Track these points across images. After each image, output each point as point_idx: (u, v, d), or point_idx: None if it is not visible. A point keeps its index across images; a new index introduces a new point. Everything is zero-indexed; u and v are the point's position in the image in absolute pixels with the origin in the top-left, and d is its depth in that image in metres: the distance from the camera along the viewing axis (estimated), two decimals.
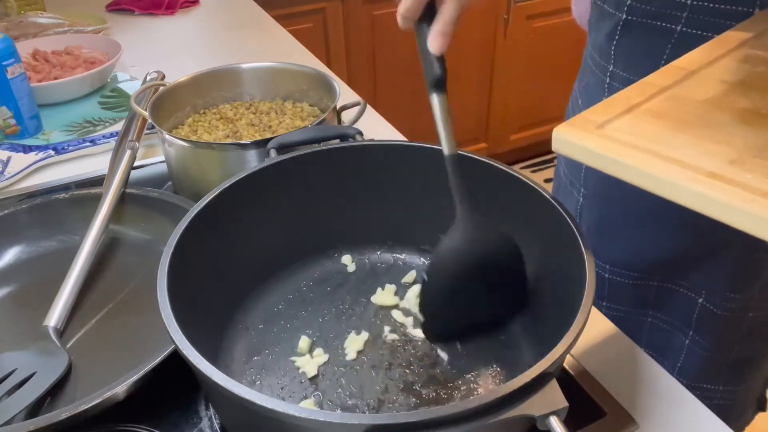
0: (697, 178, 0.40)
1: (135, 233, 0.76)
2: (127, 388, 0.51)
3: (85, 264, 0.68)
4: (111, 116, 1.08)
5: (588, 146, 0.45)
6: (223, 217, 0.60)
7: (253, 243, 0.64)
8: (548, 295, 0.58)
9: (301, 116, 0.88)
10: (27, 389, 0.55)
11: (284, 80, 0.92)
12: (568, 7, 0.89)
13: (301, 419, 0.39)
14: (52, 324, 0.62)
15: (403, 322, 0.63)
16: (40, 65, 1.19)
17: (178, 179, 0.82)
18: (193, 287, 0.54)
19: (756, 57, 0.53)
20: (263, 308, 0.65)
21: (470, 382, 0.56)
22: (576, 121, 0.48)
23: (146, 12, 1.58)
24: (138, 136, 0.86)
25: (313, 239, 0.69)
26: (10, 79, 0.96)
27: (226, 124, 0.86)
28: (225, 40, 1.46)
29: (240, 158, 0.74)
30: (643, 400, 0.57)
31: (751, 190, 0.38)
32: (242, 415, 0.46)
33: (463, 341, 0.60)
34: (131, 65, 1.29)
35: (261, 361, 0.59)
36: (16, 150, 0.97)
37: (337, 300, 0.66)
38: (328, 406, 0.55)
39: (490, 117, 2.46)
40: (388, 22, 2.09)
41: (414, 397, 0.55)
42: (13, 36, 1.28)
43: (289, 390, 0.56)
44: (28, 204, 0.76)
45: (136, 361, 0.53)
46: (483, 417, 0.39)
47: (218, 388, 0.41)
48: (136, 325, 0.64)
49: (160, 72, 1.04)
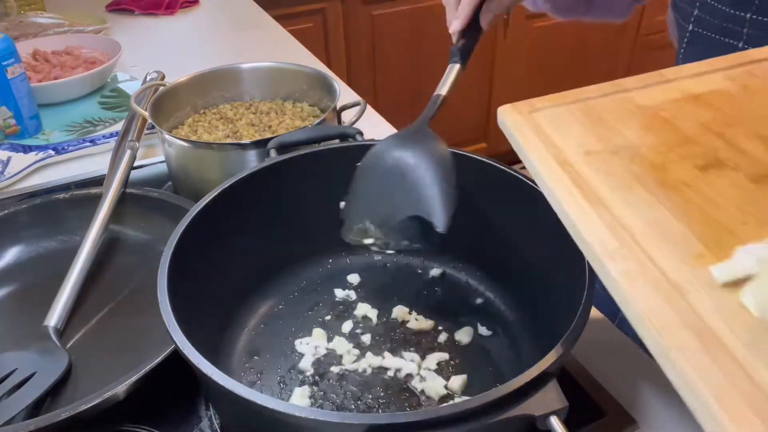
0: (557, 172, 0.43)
1: (135, 233, 0.76)
2: (127, 388, 0.51)
3: (85, 264, 0.68)
4: (111, 116, 1.08)
5: (507, 125, 0.48)
6: (223, 217, 0.60)
7: (253, 243, 0.64)
8: (548, 294, 0.58)
9: (301, 116, 0.88)
10: (27, 389, 0.55)
11: (284, 80, 0.92)
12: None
13: (301, 419, 0.39)
14: (52, 324, 0.62)
15: (403, 319, 0.63)
16: (40, 65, 1.19)
17: (178, 179, 0.82)
18: (193, 287, 0.54)
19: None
20: (263, 308, 0.65)
21: (470, 382, 0.56)
22: (520, 104, 0.50)
23: (146, 12, 1.58)
24: (138, 136, 0.86)
25: (313, 239, 0.69)
26: (10, 79, 0.96)
27: (226, 124, 0.86)
28: (225, 40, 1.46)
29: (240, 158, 0.74)
30: (643, 400, 0.57)
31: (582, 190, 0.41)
32: (242, 415, 0.46)
33: (383, 241, 0.57)
34: (131, 65, 1.29)
35: (261, 361, 0.59)
36: (16, 150, 0.97)
37: (338, 300, 0.66)
38: (327, 406, 0.55)
39: (490, 117, 2.46)
40: (388, 22, 2.09)
41: (414, 397, 0.55)
42: (13, 36, 1.28)
43: (289, 390, 0.56)
44: (28, 204, 0.76)
45: (136, 361, 0.53)
46: (483, 417, 0.39)
47: (218, 388, 0.41)
48: (136, 325, 0.64)
49: (160, 72, 1.04)
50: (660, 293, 0.33)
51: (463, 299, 0.66)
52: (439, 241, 0.54)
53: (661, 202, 0.40)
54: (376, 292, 0.67)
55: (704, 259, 0.35)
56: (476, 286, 0.67)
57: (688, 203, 0.40)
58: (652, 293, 0.33)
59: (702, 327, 0.30)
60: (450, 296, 0.66)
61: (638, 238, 0.37)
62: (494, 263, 0.66)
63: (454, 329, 0.62)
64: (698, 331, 0.30)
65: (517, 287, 0.64)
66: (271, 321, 0.64)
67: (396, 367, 0.58)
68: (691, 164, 0.43)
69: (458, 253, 0.69)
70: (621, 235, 0.37)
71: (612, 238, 0.37)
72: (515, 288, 0.64)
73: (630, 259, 0.35)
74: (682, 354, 0.29)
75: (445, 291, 0.67)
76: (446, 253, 0.69)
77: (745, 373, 0.28)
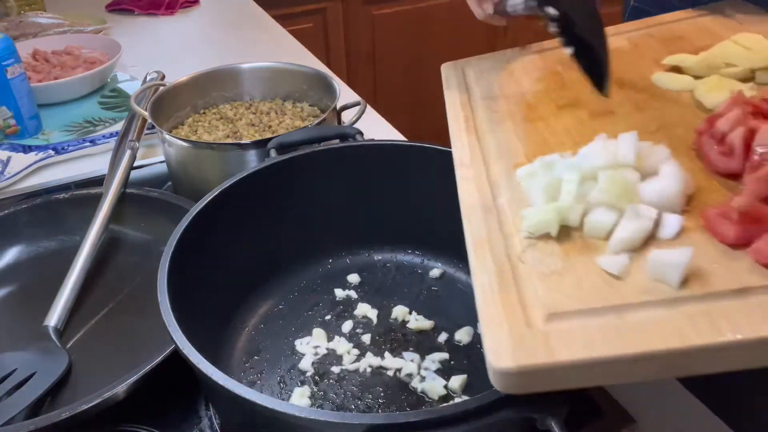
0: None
1: (135, 233, 0.76)
2: (127, 388, 0.51)
3: (85, 264, 0.68)
4: (111, 116, 1.08)
5: (444, 74, 0.64)
6: (223, 217, 0.60)
7: (253, 243, 0.64)
8: None
9: (301, 116, 0.88)
10: (27, 389, 0.55)
11: (284, 80, 0.92)
12: None
13: (301, 419, 0.39)
14: (52, 324, 0.62)
15: (403, 319, 0.63)
16: (40, 65, 1.19)
17: (178, 179, 0.82)
18: (193, 287, 0.54)
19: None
20: (263, 308, 0.65)
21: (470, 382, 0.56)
22: (459, 61, 0.66)
23: (146, 12, 1.58)
24: (138, 136, 0.86)
25: (312, 239, 0.69)
26: (10, 79, 0.96)
27: (226, 124, 0.86)
28: (225, 40, 1.46)
29: (240, 158, 0.74)
30: (643, 400, 0.57)
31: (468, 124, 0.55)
32: (242, 415, 0.46)
33: None
34: (131, 65, 1.29)
35: (261, 361, 0.59)
36: (16, 150, 0.97)
37: (338, 300, 0.66)
38: (327, 406, 0.55)
39: None
40: (388, 22, 2.09)
41: (414, 397, 0.55)
42: (13, 36, 1.28)
43: (289, 390, 0.56)
44: (28, 204, 0.76)
45: (136, 361, 0.53)
46: (483, 417, 0.39)
47: (218, 388, 0.41)
48: (136, 325, 0.64)
49: (160, 72, 1.04)
50: (478, 188, 0.47)
51: (462, 299, 0.66)
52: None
53: (516, 130, 0.52)
54: (376, 292, 0.67)
55: (521, 165, 0.47)
56: None
57: (534, 131, 0.52)
58: (473, 187, 0.47)
59: (490, 205, 0.45)
60: (450, 296, 0.66)
61: (486, 154, 0.50)
62: None
63: (454, 329, 0.62)
64: (487, 208, 0.45)
65: None
66: (271, 321, 0.64)
67: (396, 367, 0.58)
68: (554, 105, 0.55)
69: (458, 253, 0.69)
70: (476, 153, 0.51)
71: (469, 154, 0.51)
72: None
73: (472, 168, 0.49)
74: (469, 218, 0.44)
75: (445, 291, 0.67)
76: (446, 253, 0.69)
77: (500, 230, 0.42)
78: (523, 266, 0.39)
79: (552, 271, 0.38)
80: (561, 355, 0.33)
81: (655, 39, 0.62)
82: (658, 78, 0.55)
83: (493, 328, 0.35)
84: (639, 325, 0.33)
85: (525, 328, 0.35)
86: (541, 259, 0.39)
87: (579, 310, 0.35)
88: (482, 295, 0.38)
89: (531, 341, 0.34)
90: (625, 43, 0.62)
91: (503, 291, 0.38)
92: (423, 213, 0.67)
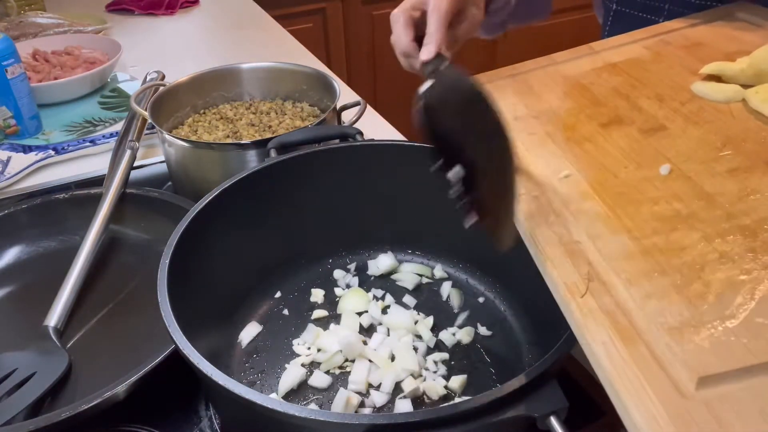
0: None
1: (135, 233, 0.76)
2: (127, 388, 0.51)
3: (85, 264, 0.68)
4: (111, 116, 1.08)
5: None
6: (223, 217, 0.60)
7: (253, 243, 0.64)
8: (549, 294, 0.57)
9: (301, 116, 0.88)
10: (27, 389, 0.55)
11: (284, 80, 0.92)
12: (568, 7, 0.90)
13: (301, 419, 0.39)
14: (52, 324, 0.62)
15: (403, 320, 0.63)
16: (40, 65, 1.19)
17: (178, 179, 0.82)
18: (194, 287, 0.54)
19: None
20: (263, 308, 0.65)
21: (470, 382, 0.56)
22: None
23: (146, 12, 1.58)
24: (138, 136, 0.86)
25: (312, 239, 0.69)
26: (10, 79, 0.96)
27: (226, 124, 0.86)
28: (225, 40, 1.46)
29: (240, 158, 0.74)
30: None
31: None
32: (242, 415, 0.46)
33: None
34: (131, 65, 1.29)
35: (261, 361, 0.59)
36: (16, 150, 0.97)
37: (338, 300, 0.66)
38: (327, 406, 0.55)
39: None
40: (388, 22, 2.08)
41: (414, 397, 0.55)
42: (13, 36, 1.28)
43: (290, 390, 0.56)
44: (28, 204, 0.76)
45: (136, 361, 0.53)
46: (483, 417, 0.39)
47: (218, 388, 0.41)
48: (136, 325, 0.64)
49: (160, 72, 1.04)
50: (541, 212, 0.44)
51: (463, 299, 0.66)
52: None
53: (564, 154, 0.49)
54: (376, 292, 0.67)
55: (587, 196, 0.44)
56: (476, 286, 0.67)
57: (585, 154, 0.48)
58: (537, 212, 0.44)
59: (555, 219, 0.43)
60: (450, 296, 0.66)
61: (541, 182, 0.47)
62: (494, 263, 0.66)
63: (454, 329, 0.62)
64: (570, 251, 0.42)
65: (518, 287, 0.63)
66: (271, 321, 0.64)
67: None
68: (596, 123, 0.52)
69: (458, 253, 0.69)
70: (526, 186, 0.47)
71: (521, 187, 0.47)
72: (515, 288, 0.64)
73: (528, 197, 0.46)
74: (553, 260, 0.42)
75: (445, 291, 0.67)
76: (447, 253, 0.69)
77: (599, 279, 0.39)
78: (641, 314, 0.34)
79: (681, 323, 0.33)
80: (735, 429, 0.28)
81: (674, 46, 0.59)
82: (699, 88, 0.52)
83: (638, 398, 0.30)
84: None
85: (679, 398, 0.30)
86: (661, 309, 0.34)
87: (732, 371, 0.30)
88: (605, 352, 0.33)
89: (693, 415, 0.29)
90: (645, 52, 0.59)
91: (630, 347, 0.32)
92: (423, 213, 0.67)
